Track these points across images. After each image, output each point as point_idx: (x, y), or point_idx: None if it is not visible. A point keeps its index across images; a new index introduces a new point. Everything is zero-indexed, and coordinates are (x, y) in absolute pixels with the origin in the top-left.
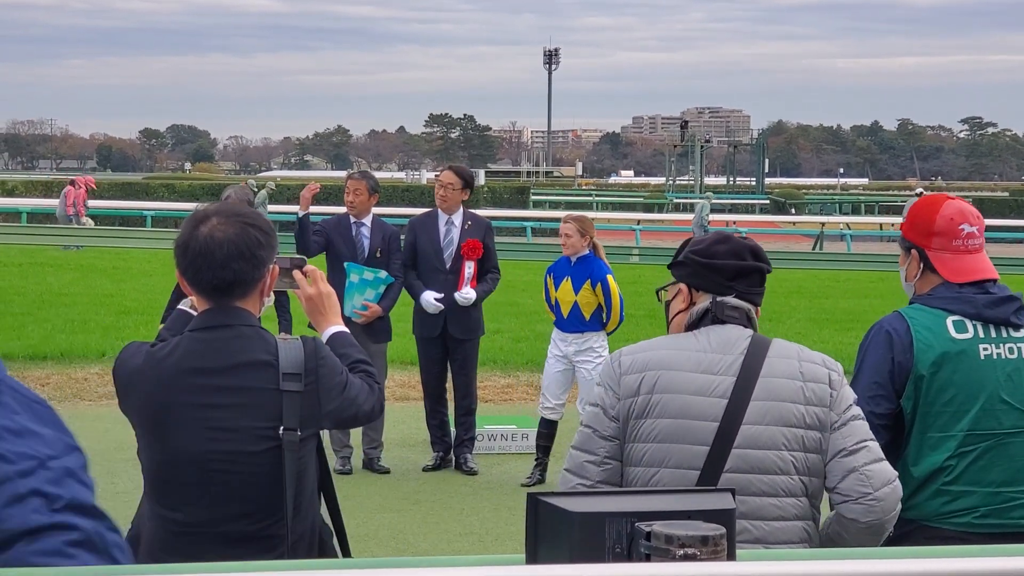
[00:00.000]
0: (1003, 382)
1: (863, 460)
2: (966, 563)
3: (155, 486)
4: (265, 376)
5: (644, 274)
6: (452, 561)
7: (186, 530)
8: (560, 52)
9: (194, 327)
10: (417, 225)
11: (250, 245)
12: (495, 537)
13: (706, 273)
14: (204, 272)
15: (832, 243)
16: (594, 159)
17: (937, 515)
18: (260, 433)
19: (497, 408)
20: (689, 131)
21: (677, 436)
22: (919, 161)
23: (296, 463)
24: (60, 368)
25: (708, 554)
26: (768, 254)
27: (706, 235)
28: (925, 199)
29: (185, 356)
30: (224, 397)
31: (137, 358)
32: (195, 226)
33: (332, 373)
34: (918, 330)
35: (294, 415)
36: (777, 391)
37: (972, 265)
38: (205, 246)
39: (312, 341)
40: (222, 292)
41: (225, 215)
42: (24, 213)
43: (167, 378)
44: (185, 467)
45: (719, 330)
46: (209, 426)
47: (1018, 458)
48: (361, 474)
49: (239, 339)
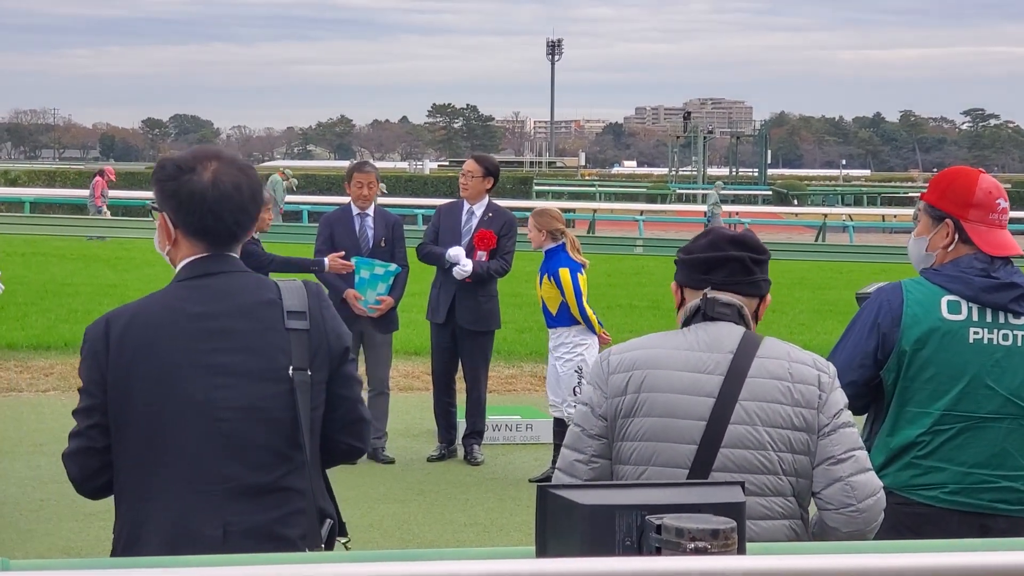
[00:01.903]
0: (990, 367)
1: (849, 470)
2: (972, 557)
3: (154, 451)
4: (271, 316)
5: (647, 265)
6: (462, 554)
7: (195, 489)
8: (563, 43)
9: (190, 275)
10: (444, 211)
11: (258, 188)
12: (500, 528)
13: (685, 268)
14: (226, 217)
15: (834, 234)
16: (597, 150)
17: (907, 486)
18: (270, 375)
19: (501, 399)
20: (692, 122)
21: (663, 435)
22: (921, 153)
23: (309, 405)
24: (64, 358)
25: (719, 547)
26: (770, 245)
27: None
28: (953, 170)
29: (187, 303)
30: (231, 341)
31: (123, 316)
32: (199, 171)
33: (338, 322)
34: (910, 304)
35: (303, 354)
36: (764, 392)
37: (1004, 239)
38: (224, 190)
39: (315, 285)
40: (236, 238)
41: (222, 159)
42: (27, 203)
43: (171, 326)
44: (193, 419)
45: (710, 328)
46: (217, 373)
47: (995, 442)
48: (365, 464)
49: (240, 282)
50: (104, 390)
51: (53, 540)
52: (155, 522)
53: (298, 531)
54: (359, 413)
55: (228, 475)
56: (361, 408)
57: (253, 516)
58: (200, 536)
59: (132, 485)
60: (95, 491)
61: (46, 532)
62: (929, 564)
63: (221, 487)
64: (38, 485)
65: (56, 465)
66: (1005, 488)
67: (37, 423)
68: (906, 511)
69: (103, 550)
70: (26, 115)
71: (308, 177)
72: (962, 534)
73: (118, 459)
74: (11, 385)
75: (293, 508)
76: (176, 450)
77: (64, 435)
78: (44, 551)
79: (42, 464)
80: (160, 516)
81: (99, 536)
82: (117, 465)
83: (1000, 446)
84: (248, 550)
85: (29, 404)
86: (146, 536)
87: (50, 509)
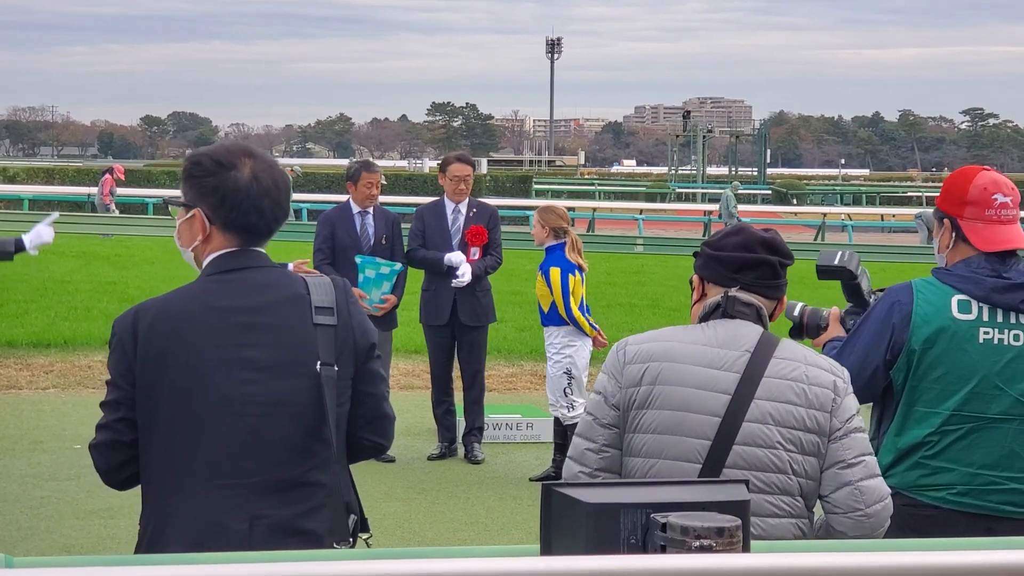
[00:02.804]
0: (1000, 368)
1: (859, 475)
2: (977, 556)
3: (181, 445)
4: (299, 311)
5: (647, 264)
6: (468, 552)
7: (222, 483)
8: (562, 41)
9: (218, 269)
10: (425, 213)
11: (289, 187)
12: (501, 526)
13: (714, 264)
14: (267, 212)
15: (833, 234)
16: (596, 148)
17: (914, 486)
18: (298, 371)
19: (502, 397)
20: (691, 121)
21: (676, 428)
22: (920, 152)
23: (335, 401)
24: (63, 356)
25: (724, 546)
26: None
27: (727, 227)
28: (960, 170)
29: (215, 297)
30: (259, 336)
31: (151, 309)
32: (237, 167)
33: (364, 319)
34: (920, 304)
35: (329, 349)
36: (780, 392)
37: (1004, 235)
38: (264, 186)
39: (342, 280)
40: (271, 232)
41: (253, 156)
42: (26, 200)
43: (200, 320)
44: (220, 413)
45: (728, 325)
46: (245, 367)
47: (1004, 444)
48: (366, 463)
49: (269, 277)
50: (132, 383)
51: (54, 538)
52: (181, 516)
53: (324, 525)
54: (383, 410)
55: (254, 469)
56: (385, 405)
57: (279, 510)
58: (226, 530)
59: (159, 479)
60: (122, 483)
61: (47, 529)
62: (934, 563)
63: (247, 481)
64: (38, 483)
65: (56, 463)
66: (1013, 490)
67: (37, 420)
68: (913, 512)
69: (105, 547)
70: (24, 112)
71: (307, 175)
72: (968, 537)
73: (144, 452)
74: (11, 383)
75: (318, 502)
76: (203, 444)
77: (64, 432)
78: (45, 549)
79: (42, 461)
80: (186, 510)
81: (100, 534)
82: (144, 459)
83: (1008, 447)
84: (274, 544)
85: (29, 402)
86: (172, 530)
87: (51, 507)
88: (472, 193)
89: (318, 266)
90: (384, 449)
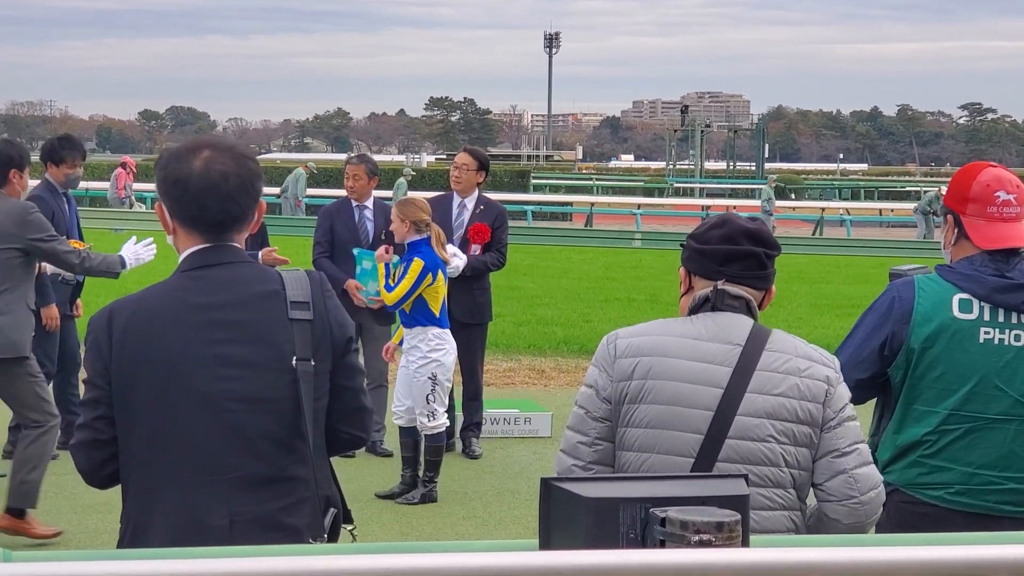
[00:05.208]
0: (1000, 368)
1: (853, 463)
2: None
3: (160, 443)
4: (275, 306)
5: (645, 259)
6: (466, 546)
7: (202, 479)
8: (560, 36)
9: (192, 266)
10: (434, 205)
11: (251, 178)
12: (498, 521)
13: (699, 257)
14: (211, 207)
15: (832, 228)
16: (594, 143)
17: (912, 484)
18: (275, 366)
19: (499, 392)
20: (689, 115)
21: (669, 423)
22: (918, 147)
23: (312, 395)
24: None
25: (723, 540)
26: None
27: (708, 218)
28: (967, 166)
29: (190, 294)
30: (235, 332)
31: (126, 307)
32: (189, 159)
33: (341, 312)
34: (921, 302)
35: (306, 344)
36: (773, 385)
37: (1005, 233)
38: (210, 179)
39: (318, 274)
40: (225, 227)
41: (217, 148)
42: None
43: (175, 317)
44: (198, 410)
45: (718, 318)
46: (222, 364)
47: (1003, 444)
48: (364, 457)
49: (244, 272)
50: (109, 382)
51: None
52: (162, 512)
53: (304, 520)
54: (361, 403)
55: (234, 465)
56: (363, 398)
57: (259, 506)
58: (206, 526)
59: (138, 476)
60: (103, 481)
61: (45, 524)
62: (933, 557)
63: (227, 477)
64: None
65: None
66: (1011, 490)
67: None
68: (911, 510)
69: (102, 542)
70: (22, 107)
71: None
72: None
73: (124, 450)
74: None
75: (298, 497)
76: (181, 441)
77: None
78: (43, 544)
79: None
80: (166, 506)
81: (98, 528)
82: (123, 456)
83: (1008, 448)
84: (254, 540)
85: None
86: (153, 526)
87: (48, 502)
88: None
89: (316, 259)
90: (363, 441)
